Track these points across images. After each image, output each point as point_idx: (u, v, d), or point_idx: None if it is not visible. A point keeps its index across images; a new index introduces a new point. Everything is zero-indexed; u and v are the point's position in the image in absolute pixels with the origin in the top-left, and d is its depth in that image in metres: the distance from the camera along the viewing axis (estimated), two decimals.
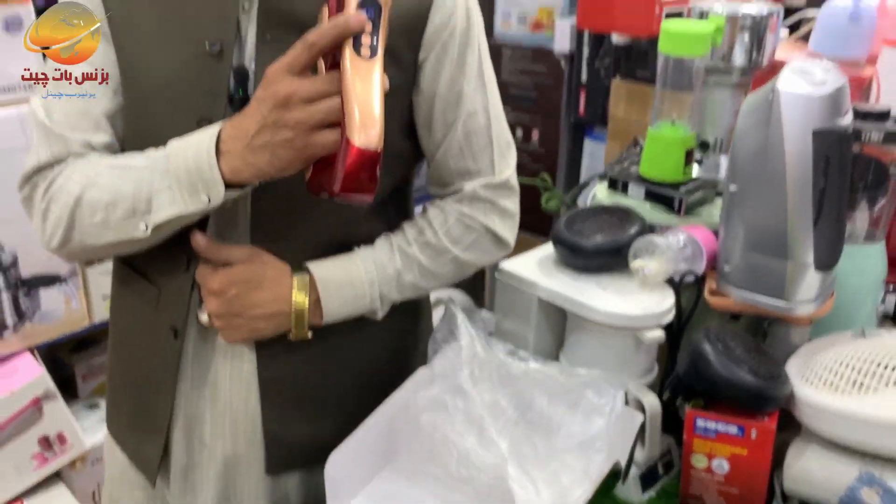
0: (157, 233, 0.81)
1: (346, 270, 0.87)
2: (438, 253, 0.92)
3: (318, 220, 0.88)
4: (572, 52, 1.91)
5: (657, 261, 1.04)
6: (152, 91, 0.84)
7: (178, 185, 0.78)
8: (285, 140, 0.73)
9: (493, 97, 0.95)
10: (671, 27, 1.14)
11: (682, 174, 1.18)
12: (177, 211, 0.79)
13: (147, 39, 0.84)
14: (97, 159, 0.85)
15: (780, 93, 0.93)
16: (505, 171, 0.95)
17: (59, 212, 0.83)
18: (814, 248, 0.96)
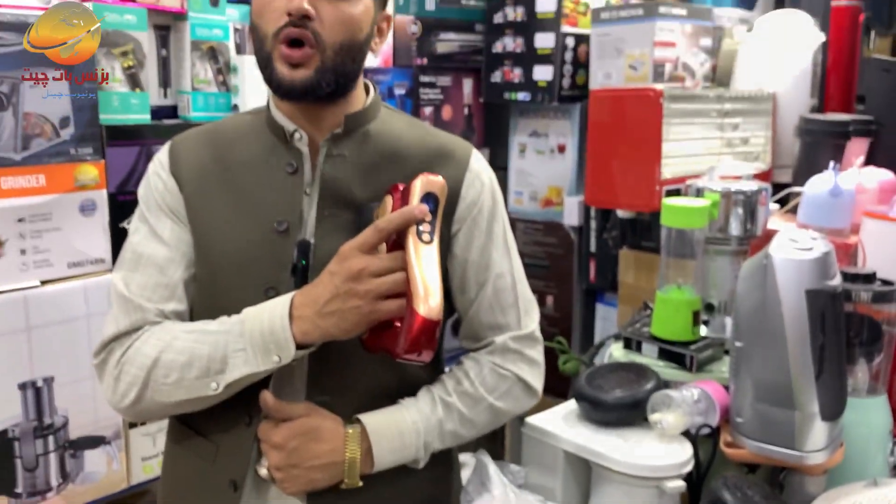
0: (227, 390, 0.90)
1: (395, 421, 0.95)
2: (476, 402, 1.00)
3: (367, 374, 0.97)
4: (581, 225, 2.07)
5: (674, 413, 1.11)
6: (225, 264, 0.96)
7: (253, 347, 0.88)
8: (354, 307, 0.85)
9: (516, 261, 1.08)
10: (672, 203, 1.28)
11: (692, 333, 1.27)
12: (249, 370, 0.89)
13: (221, 220, 0.97)
14: (172, 325, 0.95)
15: (773, 258, 1.04)
16: (530, 325, 1.06)
17: (134, 372, 0.93)
18: (818, 399, 1.03)
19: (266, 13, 0.92)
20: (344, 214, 0.96)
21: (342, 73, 0.94)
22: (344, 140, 0.98)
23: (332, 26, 0.91)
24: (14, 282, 1.31)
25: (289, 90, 0.93)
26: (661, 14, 1.81)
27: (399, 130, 1.04)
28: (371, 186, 0.97)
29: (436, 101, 2.10)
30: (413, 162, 1.00)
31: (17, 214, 1.30)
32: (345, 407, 0.96)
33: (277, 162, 0.98)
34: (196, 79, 1.53)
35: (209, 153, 1.01)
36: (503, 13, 2.08)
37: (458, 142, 1.07)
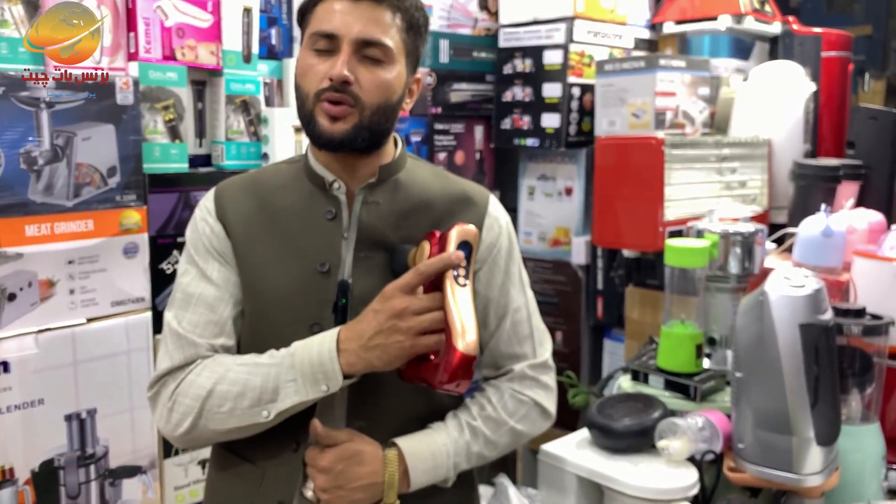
0: (276, 418, 0.99)
1: (428, 444, 1.04)
2: (498, 425, 1.09)
3: (400, 401, 1.06)
4: (588, 263, 2.17)
5: (680, 440, 1.19)
6: (273, 302, 1.06)
7: (303, 377, 0.98)
8: (396, 342, 0.95)
9: (529, 295, 1.18)
10: (675, 244, 1.38)
11: (695, 366, 1.36)
12: (300, 399, 0.98)
13: (268, 262, 1.07)
14: (224, 358, 1.04)
15: (769, 294, 1.13)
16: (544, 354, 1.16)
17: (189, 402, 1.01)
18: (814, 425, 1.11)
19: (309, 75, 1.03)
20: (378, 256, 1.06)
21: (377, 130, 1.04)
22: (378, 188, 1.08)
23: (369, 90, 1.01)
24: (63, 319, 1.41)
25: (328, 142, 1.02)
26: (661, 66, 1.93)
27: (424, 179, 1.14)
28: (402, 230, 1.07)
29: (449, 147, 2.21)
30: (439, 208, 1.10)
31: (67, 257, 1.40)
32: (381, 432, 1.04)
33: (318, 208, 1.08)
34: (230, 130, 1.65)
35: (253, 200, 1.10)
36: (512, 65, 2.21)
37: (477, 188, 1.17)
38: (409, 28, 1.05)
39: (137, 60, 1.50)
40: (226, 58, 1.65)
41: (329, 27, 1.01)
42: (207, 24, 1.60)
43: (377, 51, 1.01)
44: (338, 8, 1.01)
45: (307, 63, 1.03)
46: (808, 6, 3.63)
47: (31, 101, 1.33)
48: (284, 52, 1.79)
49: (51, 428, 1.40)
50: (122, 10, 1.49)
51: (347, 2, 1.01)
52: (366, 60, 1.01)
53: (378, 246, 1.07)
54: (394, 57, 1.03)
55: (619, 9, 2.21)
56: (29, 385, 1.37)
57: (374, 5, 1.01)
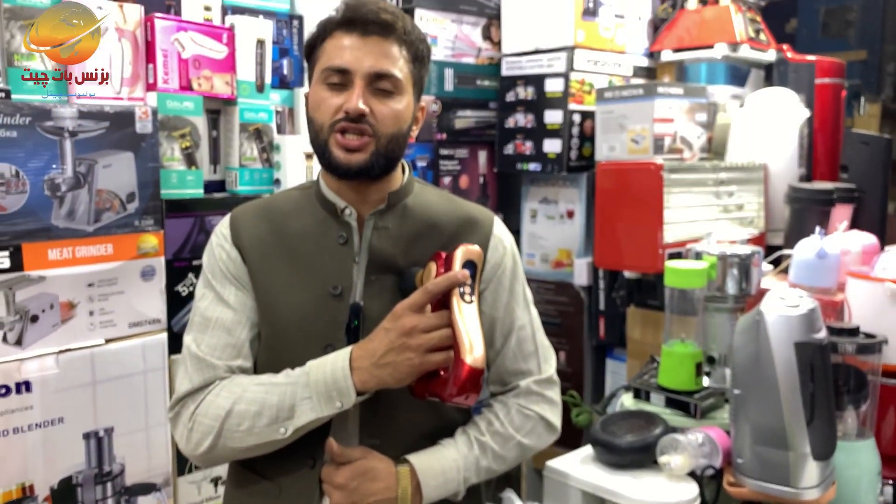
0: (293, 435, 1.03)
1: (438, 460, 1.08)
2: (506, 440, 1.13)
3: (411, 419, 1.10)
4: (590, 285, 2.22)
5: (681, 456, 1.23)
6: (287, 324, 1.10)
7: (318, 395, 1.02)
8: (407, 359, 0.99)
9: (534, 313, 1.22)
10: (674, 266, 1.42)
11: (695, 384, 1.40)
12: (315, 415, 1.02)
13: (283, 285, 1.11)
14: (241, 379, 1.08)
15: (765, 314, 1.17)
16: (548, 370, 1.20)
17: (209, 423, 1.05)
18: (810, 441, 1.15)
19: (322, 108, 1.07)
20: (388, 279, 1.11)
21: (391, 158, 1.10)
22: (387, 214, 1.13)
23: (383, 121, 1.06)
24: (83, 340, 1.45)
25: (346, 172, 1.07)
26: (659, 93, 1.99)
27: (431, 203, 1.18)
28: (411, 254, 1.12)
29: (454, 172, 2.27)
30: (446, 231, 1.15)
31: (87, 280, 1.45)
32: (393, 448, 1.08)
33: (330, 233, 1.13)
34: (243, 156, 1.71)
35: (267, 225, 1.15)
36: (515, 92, 2.27)
37: (482, 210, 1.22)
38: (414, 59, 1.10)
39: (156, 91, 1.56)
40: (240, 88, 1.71)
41: (341, 62, 1.05)
42: (222, 56, 1.66)
43: (388, 83, 1.06)
44: (347, 43, 1.06)
45: (320, 97, 1.08)
46: (804, 32, 3.70)
47: (55, 131, 1.39)
48: (296, 81, 1.85)
49: (70, 446, 1.44)
50: (142, 42, 1.56)
51: (357, 37, 1.05)
52: (377, 92, 1.06)
53: (388, 269, 1.11)
54: (403, 88, 1.08)
55: (617, 38, 2.28)
56: (49, 404, 1.41)
57: (382, 40, 1.06)
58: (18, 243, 1.36)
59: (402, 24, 1.08)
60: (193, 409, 1.07)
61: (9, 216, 1.35)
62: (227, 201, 1.65)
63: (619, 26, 2.28)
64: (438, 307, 1.02)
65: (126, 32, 1.53)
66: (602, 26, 2.23)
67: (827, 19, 3.73)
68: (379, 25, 1.05)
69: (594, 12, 2.20)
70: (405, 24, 1.09)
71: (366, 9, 1.06)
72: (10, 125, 1.34)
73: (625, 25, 2.30)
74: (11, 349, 1.37)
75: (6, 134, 1.33)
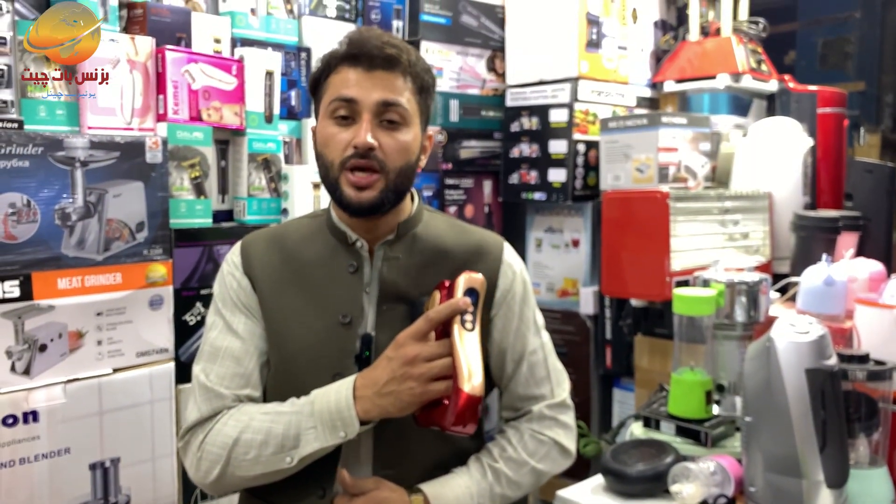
0: (300, 464, 1.03)
1: (452, 488, 1.07)
2: (520, 465, 1.12)
3: (424, 448, 1.10)
4: (596, 313, 2.21)
5: (693, 484, 1.22)
6: (297, 352, 1.11)
7: (322, 424, 1.02)
8: (409, 388, 0.99)
9: (545, 337, 1.22)
10: (682, 293, 1.43)
11: (705, 412, 1.39)
12: (320, 445, 1.02)
13: (293, 314, 1.12)
14: (248, 408, 1.08)
15: (775, 341, 1.17)
16: (562, 394, 1.20)
17: (217, 451, 1.05)
18: (823, 469, 1.14)
19: (331, 144, 1.08)
20: (399, 309, 1.11)
21: (401, 191, 1.11)
22: (396, 244, 1.14)
23: (391, 154, 1.07)
24: (91, 370, 1.45)
25: (357, 210, 1.08)
26: (663, 123, 2.00)
27: (440, 230, 1.19)
28: (422, 283, 1.13)
29: (459, 201, 2.28)
30: (456, 259, 1.16)
31: (96, 309, 1.45)
32: (406, 478, 1.08)
33: (340, 262, 1.13)
34: (252, 186, 1.72)
35: (278, 254, 1.16)
36: (519, 123, 2.29)
37: (491, 237, 1.23)
38: (420, 90, 1.11)
39: (166, 121, 1.58)
40: (249, 118, 1.72)
41: (349, 93, 1.06)
42: (232, 87, 1.68)
43: (395, 113, 1.07)
44: (353, 77, 1.07)
45: (328, 132, 1.08)
46: (802, 64, 3.74)
47: (66, 161, 1.40)
48: (303, 112, 1.88)
49: (76, 476, 1.43)
50: (153, 74, 1.58)
51: (362, 71, 1.06)
52: (385, 125, 1.07)
53: (399, 299, 1.12)
54: (409, 118, 1.09)
55: (621, 69, 2.31)
56: (56, 434, 1.40)
57: (387, 73, 1.07)
58: (28, 272, 1.37)
59: (407, 56, 1.09)
60: (202, 438, 1.07)
61: (19, 245, 1.36)
62: (236, 230, 1.66)
63: (622, 57, 2.31)
64: (441, 335, 1.02)
65: (137, 64, 1.55)
66: (605, 57, 2.25)
67: (825, 51, 3.77)
68: (384, 59, 1.06)
69: (597, 44, 2.23)
70: (409, 56, 1.10)
71: (370, 44, 1.07)
72: (22, 155, 1.35)
73: (627, 57, 2.33)
74: (19, 378, 1.37)
75: (19, 164, 1.34)
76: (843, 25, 3.68)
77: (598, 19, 2.22)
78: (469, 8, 2.24)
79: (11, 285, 1.35)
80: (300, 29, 1.89)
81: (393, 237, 1.13)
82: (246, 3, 1.77)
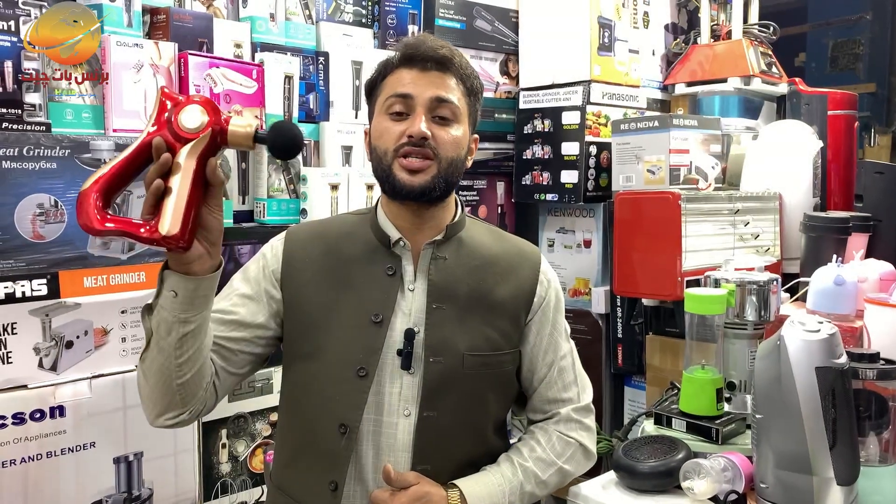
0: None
1: (485, 484, 1.11)
2: (548, 465, 1.16)
3: (460, 447, 1.15)
4: (608, 313, 2.24)
5: (705, 480, 1.24)
6: (325, 344, 1.14)
7: None
8: None
9: (572, 344, 1.27)
10: (694, 293, 1.45)
11: (716, 409, 1.42)
12: None
13: (327, 309, 1.16)
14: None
15: (786, 339, 1.19)
16: (586, 398, 1.24)
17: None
18: (833, 466, 1.16)
19: (385, 136, 1.13)
20: (449, 307, 1.16)
21: (450, 182, 1.16)
22: (444, 245, 1.18)
23: (443, 145, 1.12)
24: (115, 366, 1.49)
25: (409, 192, 1.13)
26: (675, 125, 2.03)
27: (482, 237, 1.25)
28: (470, 283, 1.18)
29: (472, 202, 2.32)
30: (500, 264, 1.22)
31: (120, 307, 1.49)
32: (440, 473, 1.13)
33: (379, 263, 1.18)
34: (271, 188, 1.75)
35: (319, 247, 1.20)
36: (532, 125, 2.32)
37: (528, 246, 1.29)
38: (469, 93, 1.18)
39: None
40: (268, 121, 1.76)
41: (404, 89, 1.13)
42: (252, 91, 1.72)
43: (447, 110, 1.13)
44: (408, 76, 1.13)
45: (383, 126, 1.14)
46: (812, 66, 3.76)
47: (92, 162, 1.44)
48: (321, 115, 1.91)
49: (101, 470, 1.47)
50: (176, 78, 1.62)
51: (417, 71, 1.13)
52: (437, 120, 1.13)
53: (448, 298, 1.16)
54: (460, 117, 1.15)
55: (632, 72, 2.33)
56: (82, 429, 1.44)
57: (440, 73, 1.14)
58: (56, 271, 1.40)
59: (459, 59, 1.16)
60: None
61: (47, 245, 1.39)
62: (255, 231, 1.70)
63: (634, 61, 2.33)
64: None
65: (161, 68, 1.58)
66: (617, 61, 2.28)
67: (835, 53, 3.78)
68: (437, 60, 1.13)
69: (609, 48, 2.25)
70: (461, 60, 1.17)
71: (425, 46, 1.14)
72: (50, 157, 1.39)
73: (639, 60, 2.35)
74: (47, 374, 1.41)
75: (47, 165, 1.38)
76: (853, 27, 3.69)
77: (610, 23, 2.25)
78: (483, 12, 2.27)
79: (39, 284, 1.39)
80: (318, 34, 1.93)
81: (441, 238, 1.17)
82: (265, 9, 1.80)
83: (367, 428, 1.13)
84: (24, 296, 1.37)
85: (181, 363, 1.03)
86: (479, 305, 1.18)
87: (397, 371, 1.14)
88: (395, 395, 1.13)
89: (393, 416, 1.13)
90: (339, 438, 1.12)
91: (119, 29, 1.53)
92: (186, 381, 1.05)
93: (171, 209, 0.95)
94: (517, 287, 1.20)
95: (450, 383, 1.14)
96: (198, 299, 1.01)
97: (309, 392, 1.16)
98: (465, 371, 1.15)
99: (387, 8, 2.07)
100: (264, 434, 1.71)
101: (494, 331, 1.18)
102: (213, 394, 1.13)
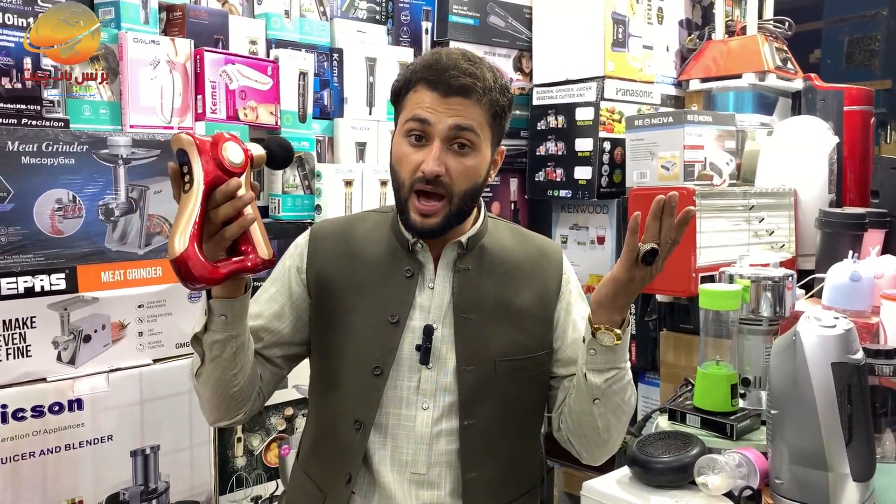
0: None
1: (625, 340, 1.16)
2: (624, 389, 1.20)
3: (504, 448, 1.18)
4: None
5: (719, 476, 1.24)
6: (342, 342, 1.16)
7: None
8: None
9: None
10: (708, 288, 1.45)
11: (731, 405, 1.41)
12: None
13: (345, 307, 1.17)
14: None
15: (801, 334, 1.19)
16: None
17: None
18: (849, 462, 1.15)
19: (403, 164, 1.13)
20: (476, 317, 1.17)
21: (464, 213, 1.16)
22: (466, 256, 1.20)
23: (457, 178, 1.12)
24: (132, 360, 1.50)
25: (421, 233, 1.15)
26: (689, 121, 2.02)
27: (505, 240, 1.25)
28: (494, 290, 1.19)
29: (486, 199, 2.32)
30: (523, 267, 1.23)
31: (137, 301, 1.51)
32: (489, 478, 1.17)
33: (398, 265, 1.19)
34: (286, 184, 1.76)
35: (342, 246, 1.22)
36: (545, 121, 2.32)
37: (550, 244, 1.31)
38: (494, 115, 1.15)
39: (204, 120, 1.63)
40: (283, 117, 1.77)
41: (423, 114, 1.11)
42: (267, 87, 1.73)
43: (465, 138, 1.11)
44: (429, 99, 1.11)
45: (402, 151, 1.14)
46: (828, 62, 3.73)
47: (110, 158, 1.45)
48: (335, 112, 1.92)
49: (118, 463, 1.49)
50: (192, 74, 1.63)
51: (438, 96, 1.10)
52: (455, 148, 1.11)
53: (475, 308, 1.17)
54: (479, 143, 1.13)
55: (646, 68, 2.32)
56: (99, 422, 1.46)
57: (462, 98, 1.11)
58: (74, 266, 1.42)
59: (482, 83, 1.12)
60: None
61: (65, 240, 1.41)
62: (271, 227, 1.70)
63: (648, 56, 2.33)
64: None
65: (177, 65, 1.60)
66: (631, 57, 2.27)
67: (851, 49, 3.76)
68: (458, 88, 1.10)
69: (623, 44, 2.25)
70: (485, 82, 1.12)
71: (447, 73, 1.10)
72: (68, 153, 1.40)
73: (653, 56, 2.35)
74: (65, 368, 1.42)
75: (65, 161, 1.40)
76: (868, 24, 3.66)
77: (624, 19, 2.24)
78: (497, 9, 2.27)
79: (58, 278, 1.40)
80: (332, 31, 1.94)
81: (463, 250, 1.19)
82: (280, 6, 1.81)
83: (385, 421, 1.15)
84: (42, 290, 1.38)
85: (235, 373, 1.10)
86: (505, 312, 1.20)
87: (415, 366, 1.15)
88: (413, 390, 1.15)
89: (411, 409, 1.15)
90: (353, 434, 1.15)
91: (135, 26, 1.55)
92: (241, 389, 1.12)
93: (259, 235, 1.03)
94: (542, 289, 1.23)
95: (485, 389, 1.17)
96: (242, 315, 1.08)
97: (328, 387, 1.19)
98: (498, 376, 1.18)
99: (401, 4, 2.08)
100: (279, 428, 1.72)
101: (524, 334, 1.20)
102: (259, 394, 1.19)
